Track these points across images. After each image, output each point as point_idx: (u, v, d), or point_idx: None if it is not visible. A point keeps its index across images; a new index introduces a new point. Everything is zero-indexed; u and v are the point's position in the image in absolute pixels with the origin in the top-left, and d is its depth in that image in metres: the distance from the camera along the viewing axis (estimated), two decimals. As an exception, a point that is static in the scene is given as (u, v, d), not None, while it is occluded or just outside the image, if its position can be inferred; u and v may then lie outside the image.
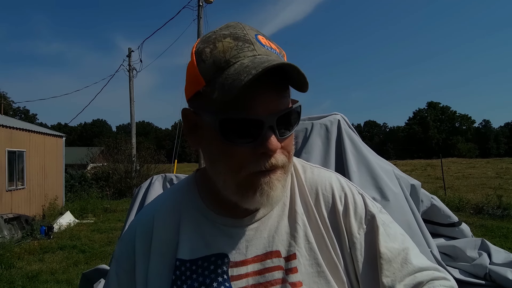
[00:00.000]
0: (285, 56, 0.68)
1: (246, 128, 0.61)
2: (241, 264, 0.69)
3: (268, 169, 0.62)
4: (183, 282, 0.68)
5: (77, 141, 77.05)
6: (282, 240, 0.71)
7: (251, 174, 0.63)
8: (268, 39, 0.67)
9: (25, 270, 6.40)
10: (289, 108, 0.63)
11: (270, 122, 0.61)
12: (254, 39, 0.63)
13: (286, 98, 0.64)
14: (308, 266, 0.69)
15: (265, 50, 0.62)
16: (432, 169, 25.20)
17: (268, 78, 0.59)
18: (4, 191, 10.35)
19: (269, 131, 0.61)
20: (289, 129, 0.65)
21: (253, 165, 0.62)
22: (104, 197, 15.99)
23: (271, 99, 0.61)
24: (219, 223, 0.72)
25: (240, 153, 0.62)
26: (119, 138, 21.84)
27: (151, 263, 0.72)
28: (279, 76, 0.61)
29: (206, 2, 15.75)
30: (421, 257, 0.74)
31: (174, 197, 0.79)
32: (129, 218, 1.93)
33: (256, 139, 0.61)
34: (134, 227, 0.78)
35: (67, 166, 16.44)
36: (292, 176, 0.78)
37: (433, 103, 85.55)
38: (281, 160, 0.64)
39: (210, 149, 0.66)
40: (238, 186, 0.64)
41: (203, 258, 0.70)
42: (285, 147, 0.65)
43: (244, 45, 0.62)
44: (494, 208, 9.56)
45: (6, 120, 12.87)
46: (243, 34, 0.63)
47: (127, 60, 19.68)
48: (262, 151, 0.61)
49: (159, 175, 2.05)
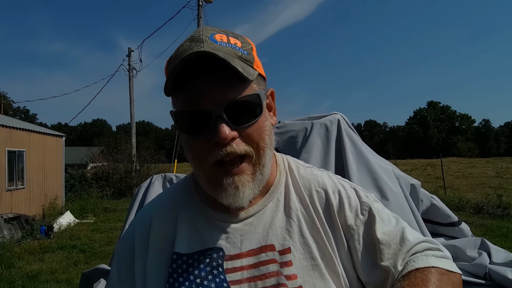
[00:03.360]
0: (253, 50, 0.72)
1: (198, 121, 0.65)
2: (236, 258, 0.72)
3: (226, 156, 0.65)
4: (179, 274, 0.71)
5: (77, 141, 77.00)
6: (276, 235, 0.73)
7: (212, 164, 0.67)
8: (233, 36, 0.71)
9: (25, 270, 6.41)
10: (237, 98, 0.65)
11: (217, 112, 0.64)
12: (207, 38, 0.67)
13: (239, 88, 0.66)
14: (302, 260, 0.71)
15: (215, 46, 0.66)
16: (432, 168, 25.20)
17: (215, 70, 0.63)
18: (4, 191, 10.34)
19: (218, 120, 0.64)
20: (248, 119, 0.67)
21: (211, 156, 0.66)
22: (104, 197, 15.99)
23: (217, 91, 0.64)
24: (215, 219, 0.75)
25: (198, 145, 0.67)
26: (119, 138, 21.86)
27: (149, 257, 0.75)
28: (225, 68, 0.63)
29: (206, 2, 15.75)
30: (415, 232, 0.77)
31: (172, 195, 0.83)
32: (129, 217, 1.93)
33: (209, 130, 0.65)
34: (134, 225, 0.82)
35: (67, 166, 16.43)
36: (286, 174, 0.81)
37: (433, 103, 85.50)
38: (241, 148, 0.66)
39: (183, 144, 0.71)
40: (208, 179, 0.69)
41: (199, 252, 0.73)
42: (248, 136, 0.67)
43: (195, 44, 0.66)
44: (494, 208, 9.56)
45: (6, 120, 12.86)
46: (198, 35, 0.68)
47: (127, 60, 19.68)
48: (215, 140, 0.64)
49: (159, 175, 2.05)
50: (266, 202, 0.77)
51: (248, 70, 0.65)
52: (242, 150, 0.66)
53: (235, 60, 0.64)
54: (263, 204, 0.76)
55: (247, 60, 0.68)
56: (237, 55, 0.67)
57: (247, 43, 0.72)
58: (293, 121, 1.90)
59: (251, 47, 0.72)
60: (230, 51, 0.66)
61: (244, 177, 0.68)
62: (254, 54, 0.72)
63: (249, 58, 0.69)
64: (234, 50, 0.67)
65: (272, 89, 0.77)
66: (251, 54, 0.70)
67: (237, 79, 0.65)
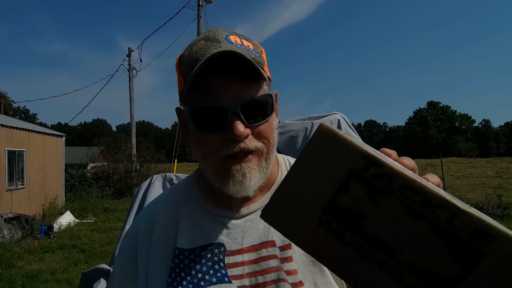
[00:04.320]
0: (263, 53, 0.74)
1: (214, 116, 0.67)
2: (237, 253, 0.73)
3: (238, 152, 0.67)
4: (181, 269, 0.73)
5: (77, 140, 77.07)
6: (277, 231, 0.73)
7: (223, 158, 0.68)
8: (244, 38, 0.73)
9: (25, 269, 6.41)
10: (253, 96, 0.68)
11: (234, 109, 0.66)
12: (223, 38, 0.69)
13: (254, 88, 0.69)
14: (303, 256, 0.72)
15: (232, 47, 0.68)
16: (432, 168, 25.18)
17: (232, 69, 0.66)
18: (4, 191, 10.35)
19: (234, 117, 0.66)
20: (261, 117, 0.70)
21: (224, 150, 0.68)
22: (104, 196, 16.00)
23: (235, 88, 0.67)
24: (217, 215, 0.77)
25: (212, 140, 0.69)
26: (119, 137, 21.84)
27: (151, 253, 0.77)
28: (244, 67, 0.66)
29: (206, 2, 15.75)
30: None
31: (174, 192, 0.86)
32: (129, 217, 1.93)
33: (224, 126, 0.67)
34: (137, 222, 0.85)
35: (67, 166, 16.44)
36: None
37: (433, 103, 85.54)
38: (253, 145, 0.69)
39: (193, 140, 0.73)
40: (216, 172, 0.71)
41: (201, 247, 0.74)
42: (260, 134, 0.70)
43: (212, 44, 0.68)
44: (494, 208, 9.58)
45: (6, 119, 12.87)
46: (214, 36, 0.70)
47: (127, 59, 19.68)
48: (230, 137, 0.66)
49: (159, 175, 2.05)
50: (268, 199, 0.77)
51: (262, 72, 0.68)
52: (253, 146, 0.69)
53: (251, 61, 0.66)
54: (265, 202, 0.78)
55: (259, 62, 0.70)
56: (251, 57, 0.69)
57: (257, 46, 0.74)
58: (293, 121, 1.90)
59: (261, 50, 0.75)
60: (246, 53, 0.68)
61: (251, 165, 0.70)
62: (264, 57, 0.75)
63: (261, 60, 0.71)
64: (249, 52, 0.69)
65: (276, 91, 0.79)
66: (261, 57, 0.73)
67: (253, 78, 0.68)
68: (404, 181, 0.39)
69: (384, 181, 0.39)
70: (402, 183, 0.39)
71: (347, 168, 0.41)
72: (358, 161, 0.40)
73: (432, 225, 0.38)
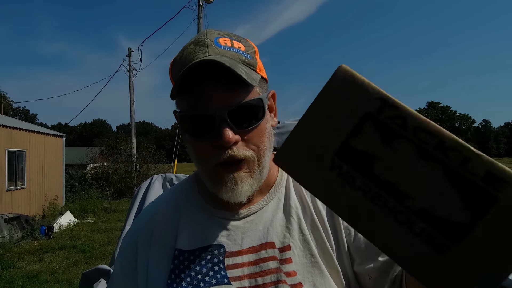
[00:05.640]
0: (256, 54, 0.73)
1: (203, 124, 0.67)
2: (237, 254, 0.73)
3: (228, 159, 0.67)
4: (181, 270, 0.73)
5: (77, 141, 77.05)
6: (276, 232, 0.75)
7: (215, 166, 0.69)
8: (236, 39, 0.72)
9: (25, 270, 6.41)
10: (240, 102, 0.67)
11: (221, 116, 0.66)
12: (211, 42, 0.69)
13: (242, 93, 0.68)
14: (302, 257, 0.72)
15: (219, 50, 0.68)
16: (432, 169, 25.15)
17: (218, 76, 0.65)
18: (4, 191, 10.34)
19: (222, 124, 0.66)
20: (251, 122, 0.69)
21: (214, 158, 0.68)
22: (104, 197, 15.98)
23: (221, 95, 0.66)
24: (217, 216, 0.77)
25: (202, 146, 0.70)
26: (119, 138, 21.85)
27: (151, 254, 0.77)
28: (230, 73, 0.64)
29: (206, 2, 15.75)
30: None
31: (175, 193, 0.86)
32: (129, 218, 1.93)
33: (212, 133, 0.66)
34: (138, 222, 0.85)
35: (67, 166, 16.44)
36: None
37: (433, 103, 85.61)
38: (242, 153, 0.68)
39: (187, 144, 0.74)
40: (209, 177, 0.72)
41: (201, 248, 0.74)
42: (249, 140, 0.69)
43: (200, 48, 0.68)
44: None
45: (6, 120, 12.86)
46: (203, 39, 0.70)
47: (127, 60, 19.68)
48: (219, 143, 0.66)
49: (159, 175, 2.05)
50: (267, 201, 0.78)
51: (252, 75, 0.67)
52: (242, 155, 0.68)
53: (239, 66, 0.65)
54: (264, 203, 0.78)
55: (251, 64, 0.69)
56: (241, 60, 0.68)
57: (250, 47, 0.73)
58: (293, 121, 1.90)
59: (254, 51, 0.73)
60: (234, 56, 0.68)
61: (243, 174, 0.70)
62: (257, 57, 0.73)
63: (253, 62, 0.70)
64: (238, 54, 0.69)
65: (273, 91, 0.79)
66: (254, 58, 0.71)
67: (241, 84, 0.66)
68: (418, 123, 0.38)
69: (399, 123, 0.39)
70: (416, 125, 0.38)
71: (362, 110, 0.40)
72: (374, 102, 0.40)
73: (444, 168, 0.37)
